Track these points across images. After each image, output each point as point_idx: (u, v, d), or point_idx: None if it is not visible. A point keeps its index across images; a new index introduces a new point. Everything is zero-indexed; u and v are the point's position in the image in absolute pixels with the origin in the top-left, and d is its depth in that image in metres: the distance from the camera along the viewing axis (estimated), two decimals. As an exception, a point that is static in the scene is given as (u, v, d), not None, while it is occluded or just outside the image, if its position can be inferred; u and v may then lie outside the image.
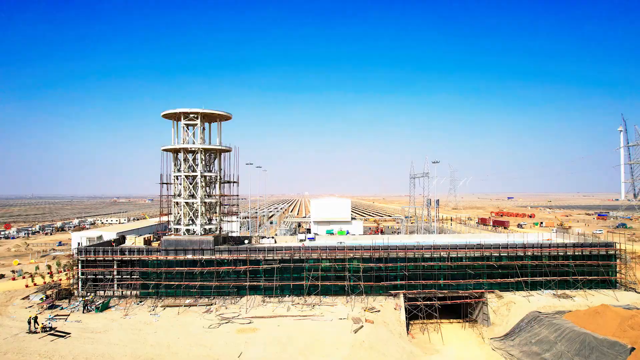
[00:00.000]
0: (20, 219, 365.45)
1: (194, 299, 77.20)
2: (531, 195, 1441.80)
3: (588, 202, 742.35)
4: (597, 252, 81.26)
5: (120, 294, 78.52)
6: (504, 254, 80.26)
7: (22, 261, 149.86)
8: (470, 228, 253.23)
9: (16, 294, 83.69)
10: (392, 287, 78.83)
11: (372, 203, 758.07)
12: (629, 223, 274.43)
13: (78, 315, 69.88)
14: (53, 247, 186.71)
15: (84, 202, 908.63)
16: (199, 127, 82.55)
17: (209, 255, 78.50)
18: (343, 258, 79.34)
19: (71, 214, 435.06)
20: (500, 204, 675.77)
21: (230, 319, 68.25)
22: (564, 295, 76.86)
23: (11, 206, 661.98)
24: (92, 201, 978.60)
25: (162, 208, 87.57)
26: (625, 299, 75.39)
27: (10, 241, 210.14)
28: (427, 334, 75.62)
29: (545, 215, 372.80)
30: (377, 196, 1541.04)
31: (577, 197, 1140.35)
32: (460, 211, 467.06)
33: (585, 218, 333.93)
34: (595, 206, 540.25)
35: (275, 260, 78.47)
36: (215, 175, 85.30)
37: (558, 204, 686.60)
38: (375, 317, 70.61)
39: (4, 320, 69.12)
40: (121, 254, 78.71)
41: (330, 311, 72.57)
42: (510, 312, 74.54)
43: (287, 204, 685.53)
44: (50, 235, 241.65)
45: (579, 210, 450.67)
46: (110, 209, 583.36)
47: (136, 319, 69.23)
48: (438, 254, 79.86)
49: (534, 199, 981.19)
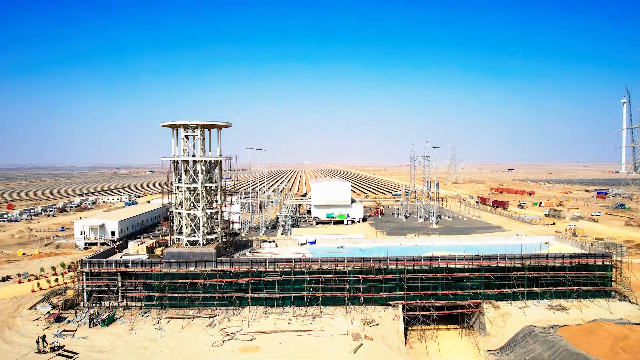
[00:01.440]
0: (21, 196, 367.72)
1: (197, 309, 78.93)
2: (531, 166, 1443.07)
3: (588, 174, 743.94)
4: (593, 262, 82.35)
5: (125, 305, 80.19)
6: (502, 265, 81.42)
7: (26, 250, 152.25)
8: (470, 209, 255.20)
9: (23, 302, 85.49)
10: (391, 298, 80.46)
11: (373, 175, 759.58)
12: (627, 203, 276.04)
13: (85, 331, 71.68)
14: (56, 232, 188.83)
15: (85, 174, 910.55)
16: (198, 138, 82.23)
17: (211, 267, 79.72)
18: (343, 269, 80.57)
19: (72, 191, 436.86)
20: (500, 177, 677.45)
21: (233, 335, 70.09)
22: (560, 307, 78.50)
23: (11, 179, 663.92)
24: (92, 173, 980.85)
25: (163, 221, 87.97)
26: (619, 312, 77.03)
27: (13, 225, 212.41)
28: (425, 343, 77.76)
29: (544, 192, 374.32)
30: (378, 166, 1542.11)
31: (577, 168, 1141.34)
32: (460, 186, 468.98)
33: (585, 196, 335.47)
34: (595, 180, 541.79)
35: (276, 272, 79.76)
36: (216, 186, 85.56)
37: (558, 176, 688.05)
38: (375, 331, 72.47)
39: (13, 335, 71.00)
40: (124, 266, 79.91)
41: (331, 324, 74.37)
42: (506, 324, 76.40)
43: (287, 177, 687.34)
44: (52, 217, 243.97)
45: (579, 185, 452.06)
46: (111, 182, 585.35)
47: (141, 334, 71.08)
48: (437, 265, 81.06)
49: (534, 170, 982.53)
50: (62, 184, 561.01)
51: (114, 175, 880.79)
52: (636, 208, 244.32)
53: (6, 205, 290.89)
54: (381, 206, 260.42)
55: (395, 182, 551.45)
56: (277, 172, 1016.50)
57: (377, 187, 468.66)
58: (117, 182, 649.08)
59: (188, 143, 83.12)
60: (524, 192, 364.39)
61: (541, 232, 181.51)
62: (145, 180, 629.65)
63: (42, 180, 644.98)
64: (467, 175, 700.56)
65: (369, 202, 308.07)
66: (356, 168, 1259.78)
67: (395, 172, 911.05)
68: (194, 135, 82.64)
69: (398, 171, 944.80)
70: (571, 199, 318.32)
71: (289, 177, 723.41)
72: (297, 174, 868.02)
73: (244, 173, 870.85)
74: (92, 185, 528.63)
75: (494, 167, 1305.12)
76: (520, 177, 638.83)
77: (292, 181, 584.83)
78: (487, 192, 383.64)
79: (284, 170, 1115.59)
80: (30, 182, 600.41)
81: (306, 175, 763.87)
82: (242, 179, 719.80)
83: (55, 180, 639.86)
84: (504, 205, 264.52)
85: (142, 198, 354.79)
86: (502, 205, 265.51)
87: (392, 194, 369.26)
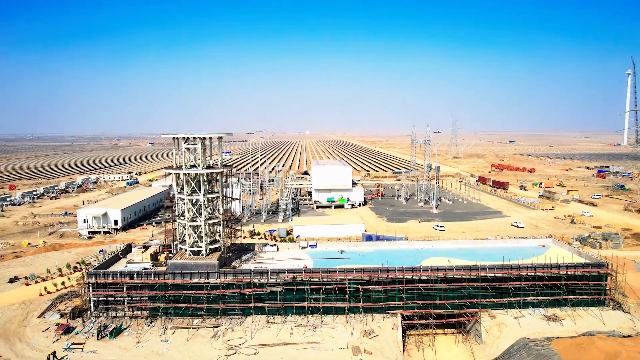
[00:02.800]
0: (23, 174, 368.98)
1: (202, 319, 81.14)
2: (533, 136, 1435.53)
3: (589, 147, 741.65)
4: (589, 272, 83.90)
5: (131, 314, 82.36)
6: (499, 275, 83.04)
7: (30, 239, 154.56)
8: (470, 190, 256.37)
9: (31, 308, 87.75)
10: (390, 307, 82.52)
11: (374, 148, 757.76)
12: (627, 183, 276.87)
13: (93, 343, 74.00)
14: (59, 218, 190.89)
15: (85, 146, 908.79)
16: (200, 151, 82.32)
17: (214, 278, 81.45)
18: (344, 280, 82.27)
19: (72, 167, 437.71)
20: (501, 150, 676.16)
21: (237, 349, 72.44)
22: (554, 317, 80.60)
23: (12, 153, 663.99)
24: (92, 145, 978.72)
25: (166, 231, 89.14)
26: (612, 323, 79.11)
27: (16, 209, 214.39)
28: (422, 350, 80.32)
29: (545, 170, 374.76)
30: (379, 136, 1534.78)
31: (579, 140, 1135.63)
32: (460, 161, 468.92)
33: (585, 174, 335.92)
34: (596, 155, 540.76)
35: (278, 283, 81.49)
36: (217, 196, 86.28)
37: (559, 149, 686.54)
38: (374, 344, 74.81)
39: (24, 349, 73.42)
40: (130, 277, 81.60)
41: (331, 336, 76.69)
42: (502, 334, 78.71)
43: (287, 149, 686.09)
44: (55, 199, 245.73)
45: (580, 161, 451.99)
46: (111, 155, 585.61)
47: (148, 347, 73.48)
48: (435, 275, 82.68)
49: (536, 142, 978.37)
50: (62, 156, 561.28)
51: (114, 147, 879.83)
52: (635, 189, 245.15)
53: (8, 186, 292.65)
54: (382, 188, 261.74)
55: (396, 156, 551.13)
56: (277, 143, 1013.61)
57: (378, 162, 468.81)
58: (117, 154, 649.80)
59: (189, 155, 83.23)
60: (525, 169, 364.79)
61: (540, 218, 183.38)
62: (145, 154, 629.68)
63: (43, 154, 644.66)
64: (468, 148, 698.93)
65: (369, 181, 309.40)
66: (357, 139, 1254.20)
67: (396, 143, 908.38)
68: (195, 147, 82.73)
69: (399, 142, 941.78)
70: (571, 177, 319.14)
71: (289, 150, 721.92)
72: (297, 146, 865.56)
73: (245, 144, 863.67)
74: (94, 161, 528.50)
75: (496, 137, 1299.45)
76: (522, 151, 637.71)
77: (292, 155, 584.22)
78: (488, 169, 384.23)
79: (284, 142, 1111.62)
80: (30, 156, 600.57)
81: (307, 148, 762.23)
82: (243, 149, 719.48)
83: (55, 155, 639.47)
84: (503, 187, 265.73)
85: (144, 176, 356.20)
86: (502, 187, 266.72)
87: (392, 172, 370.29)
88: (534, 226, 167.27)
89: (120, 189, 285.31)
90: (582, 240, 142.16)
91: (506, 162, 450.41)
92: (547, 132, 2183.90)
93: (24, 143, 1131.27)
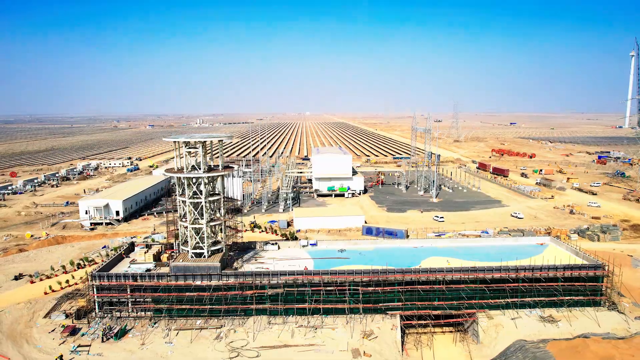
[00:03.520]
0: (23, 160, 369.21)
1: (205, 319, 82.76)
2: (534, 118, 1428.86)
3: (591, 130, 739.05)
4: (585, 274, 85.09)
5: (135, 315, 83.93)
6: (497, 277, 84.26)
7: (33, 230, 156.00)
8: (470, 177, 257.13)
9: (37, 307, 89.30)
10: (389, 308, 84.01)
11: (375, 130, 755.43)
12: (627, 170, 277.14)
13: (99, 346, 75.68)
14: (61, 208, 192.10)
15: (84, 129, 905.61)
16: (201, 155, 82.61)
17: (217, 280, 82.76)
18: (344, 281, 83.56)
19: (72, 151, 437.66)
20: (502, 132, 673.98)
21: (239, 351, 74.14)
22: (550, 319, 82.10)
23: (11, 137, 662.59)
24: (92, 127, 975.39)
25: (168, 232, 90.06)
26: (607, 324, 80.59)
27: (18, 198, 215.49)
28: (421, 350, 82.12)
29: (545, 155, 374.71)
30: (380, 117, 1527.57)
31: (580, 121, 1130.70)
32: (461, 145, 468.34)
33: (585, 160, 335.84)
34: (597, 139, 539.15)
35: (279, 285, 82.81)
36: (218, 199, 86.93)
37: (560, 133, 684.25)
38: (373, 346, 76.49)
39: (31, 351, 75.14)
40: (133, 279, 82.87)
41: (332, 337, 78.35)
42: (499, 335, 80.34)
43: (286, 132, 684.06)
44: (56, 187, 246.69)
45: (580, 146, 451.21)
46: (111, 137, 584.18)
47: (152, 349, 75.20)
48: (434, 277, 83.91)
49: (537, 124, 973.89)
50: (62, 140, 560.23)
51: (114, 130, 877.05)
52: (635, 177, 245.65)
53: (9, 173, 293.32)
54: (382, 175, 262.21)
55: (397, 139, 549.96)
56: (277, 124, 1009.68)
57: (379, 146, 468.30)
58: (117, 136, 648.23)
59: (190, 157, 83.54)
60: (525, 154, 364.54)
61: (539, 207, 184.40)
62: (146, 136, 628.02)
63: (43, 138, 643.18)
64: (469, 130, 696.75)
65: (369, 168, 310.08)
66: (357, 121, 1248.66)
67: (397, 125, 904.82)
68: (196, 151, 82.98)
69: (399, 125, 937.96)
70: (571, 164, 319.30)
71: (289, 133, 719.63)
72: (297, 128, 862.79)
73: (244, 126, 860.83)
74: (93, 144, 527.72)
75: (498, 119, 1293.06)
76: (522, 134, 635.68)
77: (292, 138, 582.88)
78: (489, 154, 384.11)
79: (284, 123, 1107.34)
80: (30, 140, 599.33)
81: (307, 131, 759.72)
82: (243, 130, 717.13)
83: (55, 139, 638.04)
84: (504, 174, 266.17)
85: (144, 162, 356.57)
86: (502, 174, 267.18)
87: (393, 157, 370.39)
88: (533, 217, 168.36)
89: (121, 176, 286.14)
90: (580, 233, 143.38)
91: (507, 146, 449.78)
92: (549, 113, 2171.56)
93: (23, 125, 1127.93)
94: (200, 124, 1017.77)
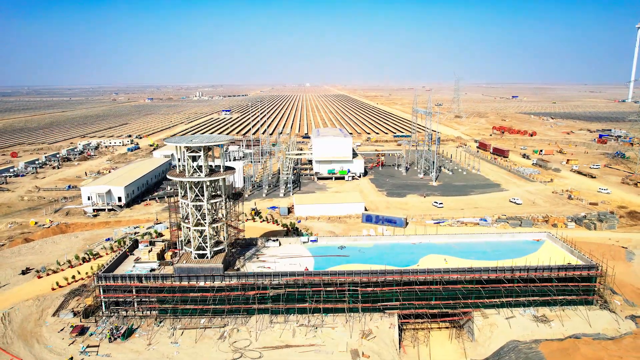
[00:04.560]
0: (23, 138, 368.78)
1: (209, 319, 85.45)
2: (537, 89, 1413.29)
3: (593, 104, 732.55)
4: (579, 274, 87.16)
5: (141, 314, 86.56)
6: (493, 277, 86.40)
7: (37, 217, 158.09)
8: (470, 157, 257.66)
9: (45, 304, 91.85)
10: (387, 307, 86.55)
11: (376, 105, 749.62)
12: (628, 151, 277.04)
13: (107, 346, 78.47)
14: (63, 193, 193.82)
15: (83, 102, 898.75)
16: (202, 158, 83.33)
17: (219, 281, 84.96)
18: (344, 282, 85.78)
19: (72, 127, 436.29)
20: (504, 107, 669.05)
21: (242, 352, 77.00)
22: (543, 318, 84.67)
23: (10, 112, 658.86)
24: (91, 101, 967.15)
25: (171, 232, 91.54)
26: (598, 324, 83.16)
27: (20, 181, 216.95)
28: (417, 347, 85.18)
29: (547, 133, 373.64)
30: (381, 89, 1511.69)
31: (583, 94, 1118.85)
32: (462, 122, 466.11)
33: (586, 139, 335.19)
34: (599, 115, 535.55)
35: (280, 286, 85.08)
36: (220, 200, 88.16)
37: (562, 107, 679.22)
38: (372, 346, 79.31)
39: (42, 351, 77.96)
40: (138, 280, 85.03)
41: (331, 337, 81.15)
42: (493, 335, 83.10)
43: (286, 105, 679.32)
44: (57, 169, 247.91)
45: (582, 122, 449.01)
46: (110, 111, 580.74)
47: (159, 349, 78.04)
48: (431, 277, 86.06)
49: (539, 98, 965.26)
50: (61, 116, 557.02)
51: (112, 103, 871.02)
52: (634, 158, 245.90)
53: (10, 153, 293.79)
54: (382, 157, 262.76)
55: (398, 115, 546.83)
56: (276, 97, 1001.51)
57: (379, 122, 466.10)
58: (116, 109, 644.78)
59: (192, 162, 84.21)
60: (526, 132, 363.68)
61: (538, 192, 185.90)
62: (146, 110, 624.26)
63: (42, 113, 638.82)
64: (470, 104, 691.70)
65: (369, 147, 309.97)
66: (358, 93, 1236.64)
67: (397, 99, 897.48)
68: (198, 155, 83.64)
69: (400, 98, 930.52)
70: (572, 143, 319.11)
71: (288, 108, 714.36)
72: (297, 102, 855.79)
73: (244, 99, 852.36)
74: (92, 113, 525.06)
75: (499, 92, 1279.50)
76: (524, 109, 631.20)
77: (292, 113, 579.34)
78: (489, 132, 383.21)
79: (283, 95, 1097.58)
80: (29, 115, 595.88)
81: (308, 105, 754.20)
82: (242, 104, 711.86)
83: (55, 113, 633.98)
84: (504, 154, 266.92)
85: (144, 140, 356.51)
86: (502, 154, 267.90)
87: (394, 135, 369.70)
88: (531, 202, 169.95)
89: (122, 156, 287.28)
90: (577, 221, 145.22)
91: (508, 122, 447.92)
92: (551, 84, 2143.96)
93: (21, 97, 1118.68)
94: (200, 97, 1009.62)
